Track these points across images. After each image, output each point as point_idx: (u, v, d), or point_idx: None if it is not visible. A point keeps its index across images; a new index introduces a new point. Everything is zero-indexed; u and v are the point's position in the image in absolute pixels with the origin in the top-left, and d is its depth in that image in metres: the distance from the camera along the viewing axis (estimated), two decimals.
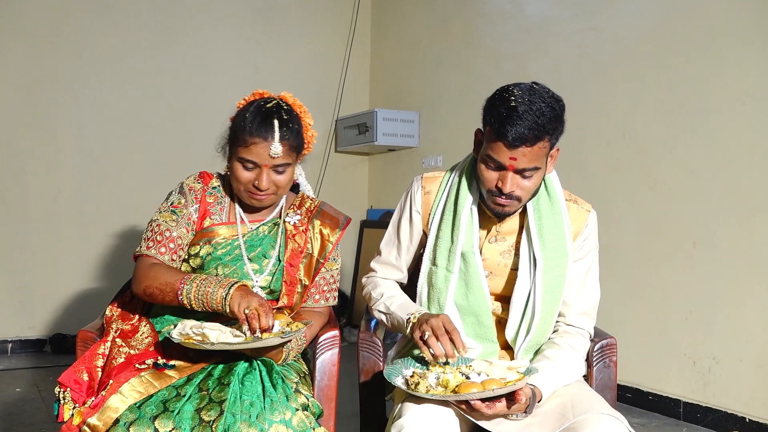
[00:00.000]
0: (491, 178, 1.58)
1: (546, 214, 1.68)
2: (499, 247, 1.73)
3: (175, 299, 1.63)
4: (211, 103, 4.71)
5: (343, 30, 5.30)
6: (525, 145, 1.51)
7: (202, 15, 4.76)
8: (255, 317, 1.53)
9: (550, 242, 1.67)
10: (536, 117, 1.50)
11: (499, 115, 1.52)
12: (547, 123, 1.51)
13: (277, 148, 1.69)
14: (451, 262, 1.70)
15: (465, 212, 1.69)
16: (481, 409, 1.41)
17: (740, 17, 2.91)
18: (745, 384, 2.89)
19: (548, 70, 3.77)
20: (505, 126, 1.50)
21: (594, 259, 1.75)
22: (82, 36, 4.38)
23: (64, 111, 4.35)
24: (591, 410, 1.46)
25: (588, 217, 1.74)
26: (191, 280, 1.62)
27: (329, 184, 5.13)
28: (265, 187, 1.72)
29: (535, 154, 1.53)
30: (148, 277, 1.67)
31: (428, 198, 1.79)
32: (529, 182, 1.58)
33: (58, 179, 4.35)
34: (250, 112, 1.72)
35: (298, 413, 1.50)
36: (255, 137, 1.69)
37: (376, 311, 1.77)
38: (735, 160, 2.93)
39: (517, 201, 1.60)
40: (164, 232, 1.73)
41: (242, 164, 1.72)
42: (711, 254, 3.02)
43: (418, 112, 4.86)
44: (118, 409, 1.44)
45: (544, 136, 1.52)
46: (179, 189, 1.82)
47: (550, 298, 1.67)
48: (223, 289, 1.58)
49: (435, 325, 1.54)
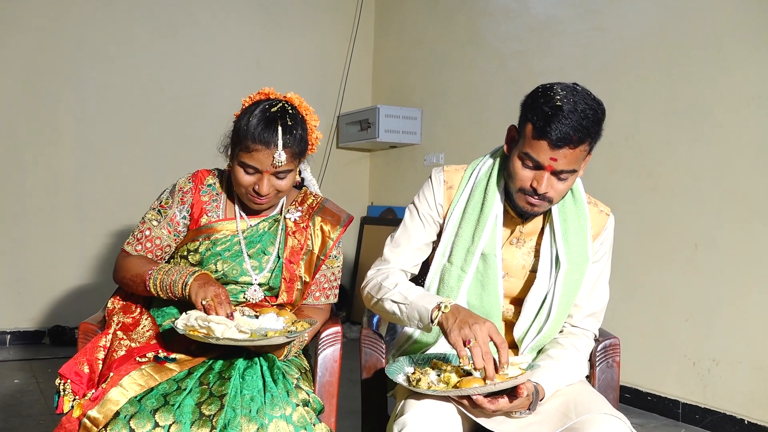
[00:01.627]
0: (526, 177, 1.53)
1: (571, 216, 1.66)
2: (520, 248, 1.70)
3: (145, 290, 1.68)
4: (213, 97, 4.71)
5: (346, 25, 5.28)
6: (568, 147, 1.46)
7: (204, 9, 4.75)
8: (211, 308, 1.55)
9: (575, 245, 1.64)
10: (581, 118, 1.45)
11: (544, 113, 1.46)
12: (590, 125, 1.47)
13: (281, 157, 1.66)
14: (467, 262, 1.65)
15: (492, 214, 1.64)
16: (483, 405, 1.39)
17: (745, 19, 2.90)
18: (745, 386, 2.89)
19: (552, 70, 3.76)
20: (550, 125, 1.45)
21: (607, 262, 1.74)
22: (83, 29, 4.37)
23: (65, 104, 4.34)
24: (593, 410, 1.45)
25: (607, 222, 1.73)
26: (157, 270, 1.66)
27: (330, 181, 5.12)
28: (265, 192, 1.70)
29: (576, 156, 1.49)
30: (122, 268, 1.75)
31: (450, 193, 1.72)
32: (564, 185, 1.54)
33: (57, 172, 4.34)
34: (254, 116, 1.67)
35: (299, 409, 1.49)
36: (258, 143, 1.65)
37: (388, 301, 1.63)
38: (737, 163, 2.92)
39: (548, 202, 1.57)
40: (145, 231, 1.79)
41: (243, 168, 1.69)
42: (712, 256, 3.02)
43: (421, 109, 4.85)
44: (119, 401, 1.43)
45: (587, 138, 1.48)
46: (170, 189, 1.84)
47: (566, 301, 1.65)
48: (182, 279, 1.62)
49: (482, 337, 1.42)
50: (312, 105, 1.85)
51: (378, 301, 1.67)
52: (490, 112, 4.22)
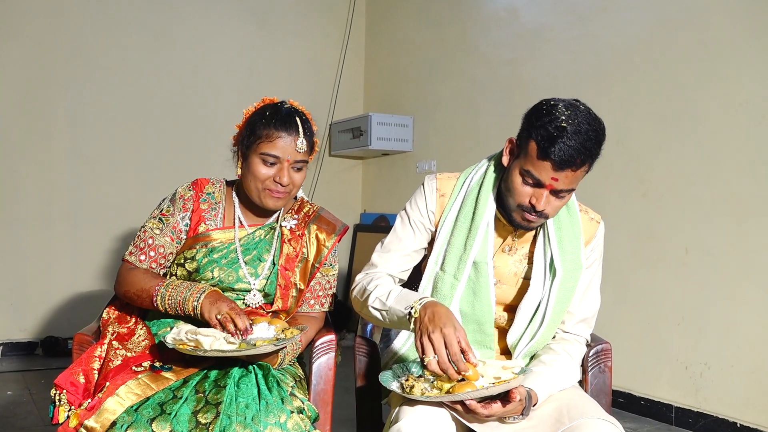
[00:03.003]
0: (525, 193, 1.55)
1: (566, 225, 1.68)
2: (512, 256, 1.72)
3: (151, 305, 1.69)
4: (206, 106, 4.72)
5: (338, 34, 5.31)
6: (571, 168, 1.48)
7: (197, 18, 4.76)
8: (229, 321, 1.57)
9: (570, 252, 1.66)
10: (585, 140, 1.46)
11: (548, 134, 1.46)
12: (593, 147, 1.48)
13: (303, 143, 1.74)
14: (460, 270, 1.67)
15: (483, 222, 1.66)
16: (476, 410, 1.41)
17: (733, 25, 2.93)
18: (737, 389, 2.91)
19: (542, 77, 3.79)
20: (554, 146, 1.46)
21: (598, 269, 1.76)
22: (77, 38, 4.37)
23: (58, 113, 4.34)
24: (586, 415, 1.47)
25: (597, 229, 1.75)
26: (164, 287, 1.67)
27: (323, 188, 5.13)
28: (286, 181, 1.74)
29: (577, 177, 1.51)
30: (126, 281, 1.75)
31: (443, 200, 1.74)
32: (561, 202, 1.56)
33: (51, 181, 4.33)
34: (269, 111, 1.76)
35: (294, 416, 1.50)
36: (280, 131, 1.72)
37: (370, 308, 1.63)
38: (727, 167, 2.95)
39: (544, 218, 1.59)
40: (147, 239, 1.79)
41: (263, 160, 1.73)
42: (703, 260, 3.04)
43: (413, 117, 4.88)
44: (115, 411, 1.44)
45: (588, 160, 1.50)
46: (171, 197, 1.85)
47: (560, 308, 1.67)
48: (193, 298, 1.63)
49: (449, 339, 1.40)
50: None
51: (363, 307, 1.68)
52: (481, 119, 4.25)
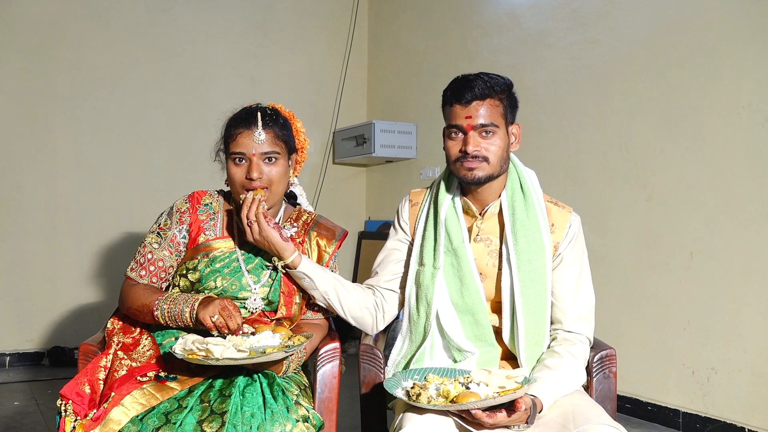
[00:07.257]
0: (455, 146, 1.69)
1: (519, 209, 1.73)
2: (486, 247, 1.76)
3: (152, 319, 1.72)
4: (208, 115, 4.64)
5: (340, 42, 5.33)
6: (477, 100, 1.65)
7: (199, 28, 4.78)
8: (223, 325, 1.62)
9: (523, 236, 1.70)
10: (485, 80, 1.67)
11: (452, 85, 1.70)
12: (493, 83, 1.67)
13: (261, 135, 1.76)
14: (436, 259, 1.75)
15: (444, 208, 1.76)
16: (481, 419, 1.41)
17: (735, 28, 2.94)
18: (744, 394, 2.90)
19: (544, 82, 3.80)
20: (458, 90, 1.66)
21: (584, 262, 1.77)
22: (80, 48, 4.40)
23: (62, 123, 4.36)
24: (591, 421, 1.46)
25: (570, 218, 1.77)
26: (163, 300, 1.70)
27: (327, 196, 5.14)
28: (256, 176, 1.75)
29: (489, 111, 1.66)
30: (128, 298, 1.78)
31: (415, 209, 1.87)
32: (489, 142, 1.66)
33: (55, 192, 4.35)
34: (235, 113, 1.84)
35: (299, 425, 1.51)
36: (240, 128, 1.78)
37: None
38: (731, 171, 2.95)
39: (485, 162, 1.66)
40: (147, 254, 1.82)
41: (233, 161, 1.78)
42: (708, 264, 3.03)
43: (416, 124, 4.88)
44: (121, 421, 1.45)
45: (494, 94, 1.66)
46: (168, 210, 1.88)
47: (532, 293, 1.69)
48: (189, 308, 1.67)
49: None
50: (307, 121, 1.93)
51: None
52: None
